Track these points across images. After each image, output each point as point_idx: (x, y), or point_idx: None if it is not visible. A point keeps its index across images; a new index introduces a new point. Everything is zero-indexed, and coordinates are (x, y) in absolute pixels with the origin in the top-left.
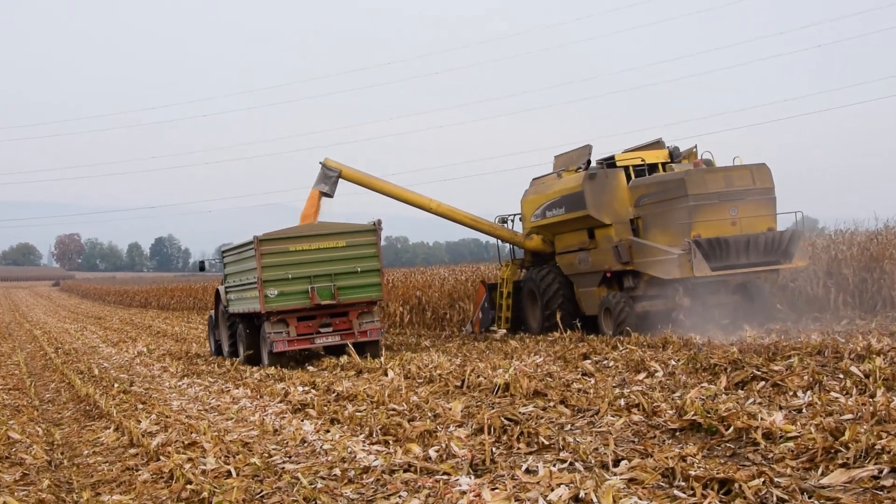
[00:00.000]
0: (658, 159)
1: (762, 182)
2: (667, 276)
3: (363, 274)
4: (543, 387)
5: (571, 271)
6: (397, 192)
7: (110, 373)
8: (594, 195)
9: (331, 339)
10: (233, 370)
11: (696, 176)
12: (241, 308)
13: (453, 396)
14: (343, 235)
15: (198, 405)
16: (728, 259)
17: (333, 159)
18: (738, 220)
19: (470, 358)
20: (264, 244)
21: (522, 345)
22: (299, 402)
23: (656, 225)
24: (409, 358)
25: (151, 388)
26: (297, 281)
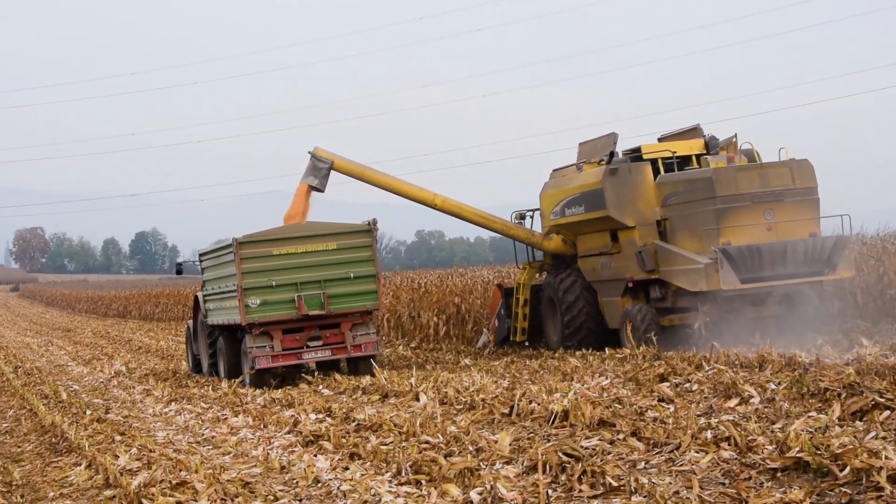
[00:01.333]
0: (691, 150)
1: (803, 180)
2: (692, 287)
3: (357, 280)
4: (611, 415)
5: (594, 278)
6: (396, 186)
7: (81, 397)
8: (615, 193)
9: (320, 354)
10: (230, 394)
11: (724, 174)
12: (220, 319)
13: (500, 426)
14: (334, 237)
15: (188, 436)
16: (761, 270)
17: (324, 148)
18: (774, 224)
19: (520, 379)
20: (244, 247)
21: (584, 363)
22: (312, 433)
23: (684, 228)
24: (445, 379)
25: (131, 415)
26: (282, 289)
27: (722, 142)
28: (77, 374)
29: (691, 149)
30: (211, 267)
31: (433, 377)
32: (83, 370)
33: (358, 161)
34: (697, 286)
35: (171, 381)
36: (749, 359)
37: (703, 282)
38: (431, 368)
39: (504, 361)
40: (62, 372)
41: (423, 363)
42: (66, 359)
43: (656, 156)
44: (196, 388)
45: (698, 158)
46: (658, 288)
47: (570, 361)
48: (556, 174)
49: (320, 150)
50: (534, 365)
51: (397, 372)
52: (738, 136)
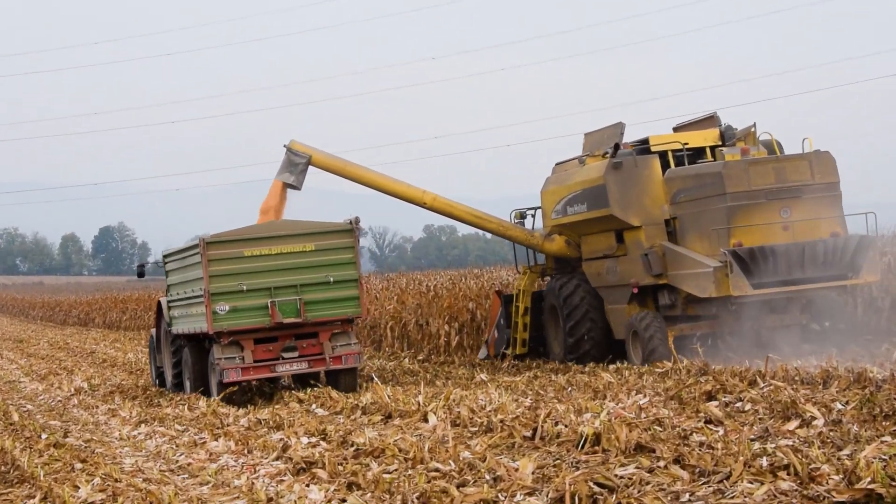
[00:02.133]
0: (705, 142)
1: (823, 175)
2: (701, 293)
3: (337, 285)
4: (650, 439)
5: (599, 283)
6: (381, 182)
7: (36, 418)
8: (619, 189)
9: (296, 367)
10: (209, 414)
11: (736, 168)
12: (186, 327)
13: (521, 452)
14: (311, 237)
15: (160, 464)
16: (776, 273)
17: (301, 142)
18: (791, 223)
19: (544, 397)
20: (212, 247)
21: (618, 378)
22: (304, 460)
23: (693, 228)
24: (457, 397)
25: (94, 439)
26: (254, 294)
27: (739, 132)
28: (31, 391)
29: (705, 140)
30: (176, 270)
31: (444, 395)
32: (38, 387)
33: (339, 155)
34: (707, 292)
35: (141, 399)
36: (811, 374)
37: (712, 287)
38: (442, 384)
39: (526, 376)
40: (13, 389)
41: (433, 378)
42: (18, 374)
43: (665, 148)
44: (169, 408)
45: (713, 150)
46: (667, 294)
47: (603, 377)
48: (558, 168)
49: (297, 144)
50: (560, 380)
51: (402, 388)
52: (756, 125)
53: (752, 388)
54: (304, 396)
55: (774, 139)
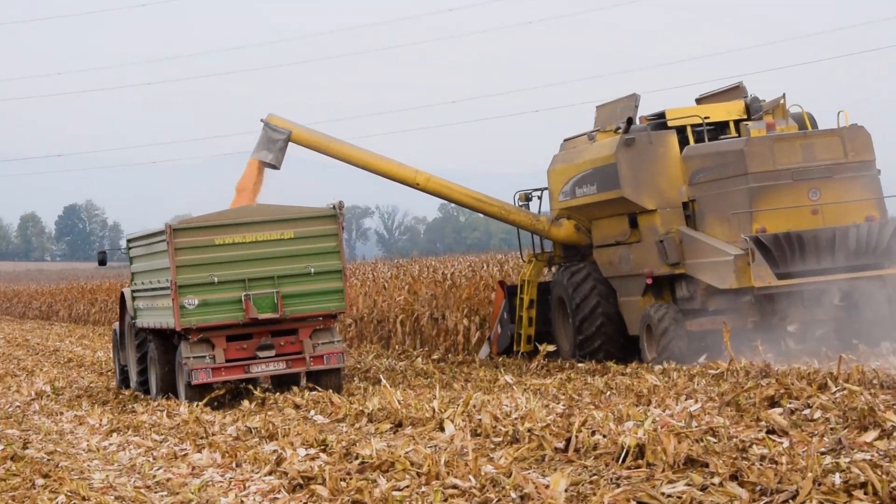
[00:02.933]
0: (729, 115)
1: (857, 153)
2: (720, 284)
3: (319, 277)
4: (702, 452)
5: (611, 273)
6: (369, 161)
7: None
8: (632, 169)
9: (273, 367)
10: (192, 421)
11: (759, 146)
12: (151, 321)
13: (552, 466)
14: (290, 223)
15: (135, 479)
16: (804, 262)
17: (279, 116)
18: (820, 207)
19: (579, 402)
20: (180, 235)
21: (665, 381)
22: (301, 475)
23: (713, 212)
24: (479, 402)
25: (59, 451)
26: (227, 286)
27: (767, 104)
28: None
29: (728, 113)
30: (141, 257)
31: (463, 400)
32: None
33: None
34: (726, 283)
35: (112, 404)
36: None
37: (732, 277)
38: (461, 388)
39: (557, 378)
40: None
41: (450, 381)
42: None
43: (684, 122)
44: (145, 414)
45: (737, 125)
46: (685, 285)
47: (647, 379)
48: (566, 145)
49: (275, 118)
50: (598, 383)
51: (415, 392)
52: (786, 96)
53: (821, 392)
54: (302, 401)
55: (805, 112)
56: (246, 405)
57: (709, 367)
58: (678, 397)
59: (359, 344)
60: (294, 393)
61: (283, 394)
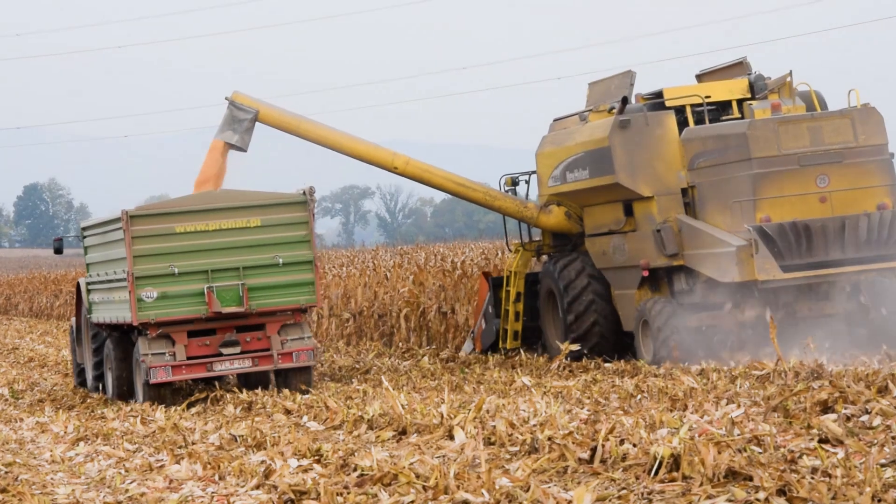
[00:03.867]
0: (731, 94)
1: (869, 136)
2: (722, 277)
3: (288, 268)
4: (745, 463)
5: (605, 264)
6: (343, 143)
7: None
8: (627, 153)
9: (238, 365)
10: (169, 428)
11: (763, 129)
12: (107, 316)
13: (576, 479)
14: (257, 210)
15: (105, 494)
16: (811, 254)
17: (245, 93)
18: (829, 194)
19: (606, 407)
20: (138, 222)
21: (704, 383)
22: (292, 489)
23: (715, 199)
24: (493, 406)
25: (18, 462)
26: (188, 278)
27: (772, 82)
28: None
29: (731, 92)
30: (96, 246)
31: (475, 404)
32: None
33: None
34: (728, 276)
35: (79, 409)
36: None
37: (734, 269)
38: (472, 391)
39: (581, 380)
40: None
41: (460, 383)
42: None
43: (683, 102)
44: (117, 421)
45: (740, 105)
46: (684, 278)
47: (683, 381)
48: (556, 126)
49: (240, 96)
50: (627, 385)
51: (421, 396)
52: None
53: (881, 396)
54: (293, 406)
55: (814, 91)
56: (230, 410)
57: (753, 367)
58: (718, 402)
59: (358, 341)
60: (284, 396)
61: (271, 397)
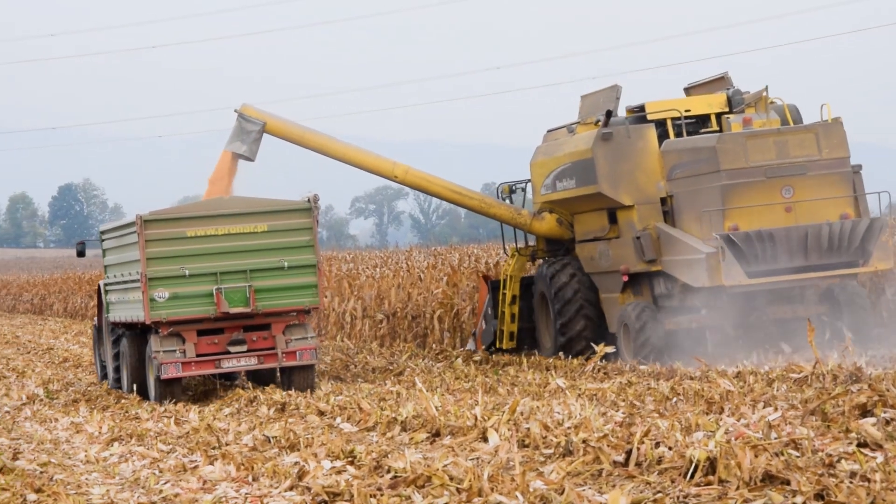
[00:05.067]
0: (710, 108)
1: (832, 150)
2: (694, 282)
3: (293, 271)
4: (782, 467)
5: (592, 269)
6: (346, 153)
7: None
8: (608, 164)
9: (244, 362)
10: (203, 429)
11: (731, 142)
12: (123, 315)
13: (610, 482)
14: (264, 216)
15: (139, 494)
16: (775, 260)
17: (253, 105)
18: (794, 204)
19: (641, 410)
20: (151, 226)
21: (740, 386)
22: (326, 491)
23: (690, 208)
24: (527, 408)
25: (53, 462)
26: (198, 279)
27: (749, 96)
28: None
29: (710, 106)
30: (113, 249)
31: (509, 406)
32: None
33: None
34: (699, 281)
35: (114, 409)
36: None
37: (704, 275)
38: (506, 393)
39: (616, 383)
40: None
41: (494, 384)
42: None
43: (664, 115)
44: (151, 422)
45: (719, 118)
46: (663, 282)
47: (720, 384)
48: (548, 136)
49: (249, 109)
50: (663, 388)
51: (454, 398)
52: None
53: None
54: (326, 407)
55: (787, 105)
56: (264, 411)
57: (790, 370)
58: (755, 404)
59: (391, 342)
60: (318, 398)
61: (305, 398)
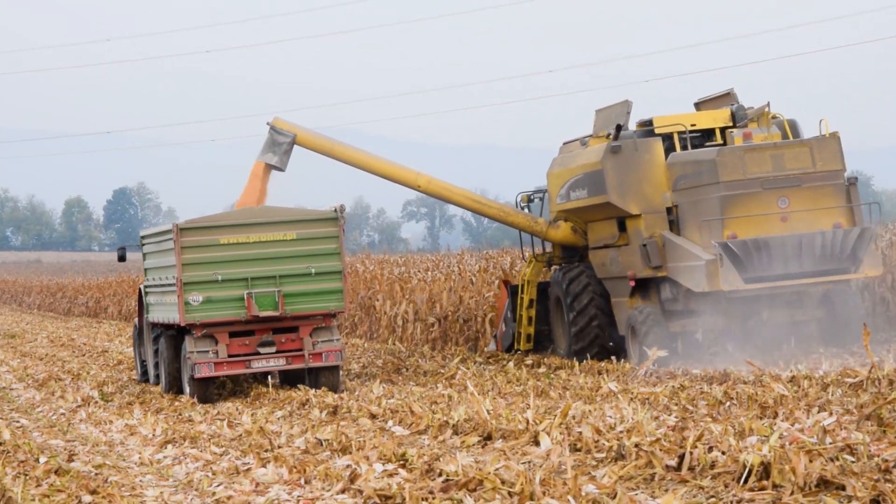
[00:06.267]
0: (715, 123)
1: (826, 163)
2: (696, 287)
3: (319, 277)
4: (837, 472)
5: (604, 274)
6: (372, 164)
7: (33, 437)
8: (617, 175)
9: (273, 363)
10: (255, 432)
11: (730, 156)
12: (160, 316)
13: (663, 486)
14: (293, 225)
15: (192, 497)
16: (771, 267)
17: (286, 119)
18: (789, 214)
19: (694, 414)
20: (186, 234)
21: (795, 390)
22: (378, 493)
23: (693, 218)
24: (578, 412)
25: (108, 464)
26: (230, 284)
27: (752, 112)
28: (26, 401)
29: (714, 121)
30: (153, 254)
31: (561, 410)
32: (35, 396)
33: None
34: (700, 286)
35: (167, 412)
36: None
37: (704, 281)
38: (558, 396)
39: (669, 387)
40: (3, 399)
41: (546, 388)
42: (10, 379)
43: (671, 129)
44: (204, 424)
45: (723, 132)
46: (668, 287)
47: (773, 388)
48: (564, 148)
49: (280, 122)
50: (716, 392)
51: (506, 401)
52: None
53: None
54: (378, 410)
55: (786, 120)
56: (316, 414)
57: (845, 374)
58: (809, 409)
59: (443, 346)
60: (370, 401)
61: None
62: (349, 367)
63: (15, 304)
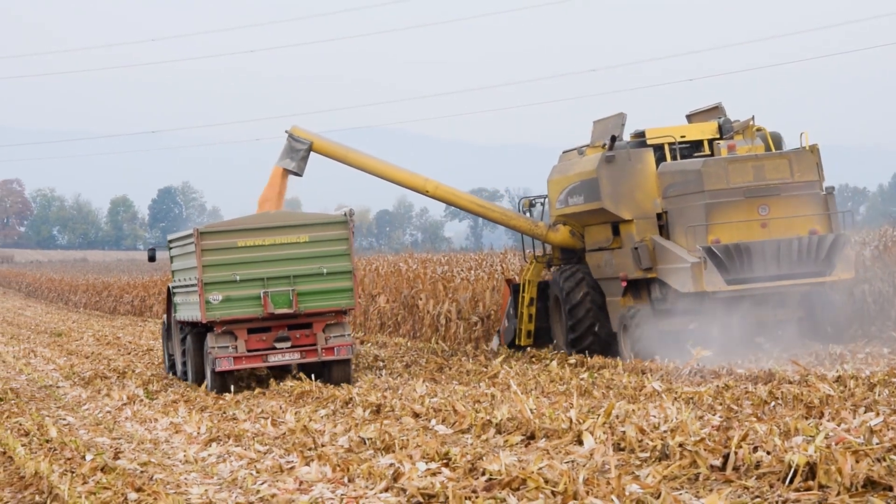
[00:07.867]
0: (703, 135)
1: (803, 173)
2: (682, 288)
3: (331, 277)
4: (885, 473)
5: (599, 275)
6: (383, 170)
7: (79, 434)
8: (611, 183)
9: (289, 357)
10: (299, 430)
11: (714, 166)
12: (186, 315)
13: (707, 486)
14: (305, 228)
15: (237, 494)
16: (751, 270)
17: (302, 127)
18: (769, 221)
19: (739, 413)
20: (206, 237)
21: (841, 390)
22: (421, 492)
23: (679, 223)
24: (622, 411)
25: (153, 462)
26: (247, 284)
27: (738, 125)
28: (72, 399)
29: (703, 133)
30: (178, 256)
31: (604, 409)
32: (81, 394)
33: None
34: (686, 287)
35: (212, 410)
36: None
37: (689, 282)
38: (601, 396)
39: (713, 386)
40: (50, 396)
41: (589, 387)
42: (57, 377)
43: (662, 141)
44: (248, 423)
45: (711, 144)
46: (658, 288)
47: (819, 388)
48: (564, 157)
49: (298, 130)
50: (761, 392)
51: (549, 400)
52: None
53: None
54: (421, 409)
55: (769, 133)
56: (359, 413)
57: (892, 374)
58: (856, 409)
59: (486, 345)
60: (413, 400)
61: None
62: (392, 366)
63: (61, 302)
